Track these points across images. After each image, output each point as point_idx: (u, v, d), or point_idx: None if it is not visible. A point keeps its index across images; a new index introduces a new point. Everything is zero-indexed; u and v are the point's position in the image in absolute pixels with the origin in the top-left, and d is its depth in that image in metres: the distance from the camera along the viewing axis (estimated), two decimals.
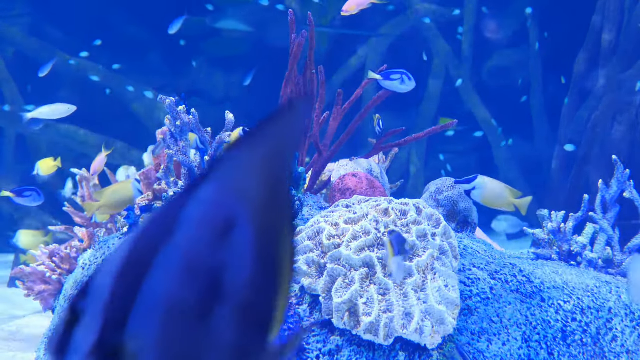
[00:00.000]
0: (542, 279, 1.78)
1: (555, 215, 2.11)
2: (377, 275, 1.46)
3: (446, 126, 2.22)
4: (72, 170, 2.76)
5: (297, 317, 1.49)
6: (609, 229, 2.04)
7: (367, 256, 1.47)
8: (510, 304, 1.65)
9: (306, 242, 1.57)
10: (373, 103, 2.25)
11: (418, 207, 1.65)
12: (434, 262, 1.51)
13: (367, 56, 6.44)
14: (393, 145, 2.30)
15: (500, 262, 1.80)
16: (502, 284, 1.71)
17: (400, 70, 2.26)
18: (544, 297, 1.72)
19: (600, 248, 2.04)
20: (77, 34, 6.49)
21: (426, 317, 1.42)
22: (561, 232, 2.07)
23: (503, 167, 6.57)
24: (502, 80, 6.75)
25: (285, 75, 2.24)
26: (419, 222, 1.59)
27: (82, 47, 6.30)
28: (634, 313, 1.79)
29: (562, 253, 2.07)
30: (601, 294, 1.79)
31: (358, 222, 1.58)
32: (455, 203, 2.24)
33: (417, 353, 1.44)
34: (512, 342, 1.56)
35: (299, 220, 1.87)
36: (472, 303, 1.61)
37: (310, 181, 2.33)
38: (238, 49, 6.78)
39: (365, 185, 2.19)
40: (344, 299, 1.42)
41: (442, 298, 1.45)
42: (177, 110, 2.03)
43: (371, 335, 1.40)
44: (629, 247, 2.02)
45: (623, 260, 2.00)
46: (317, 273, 1.52)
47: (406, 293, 1.44)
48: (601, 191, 2.07)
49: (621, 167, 2.07)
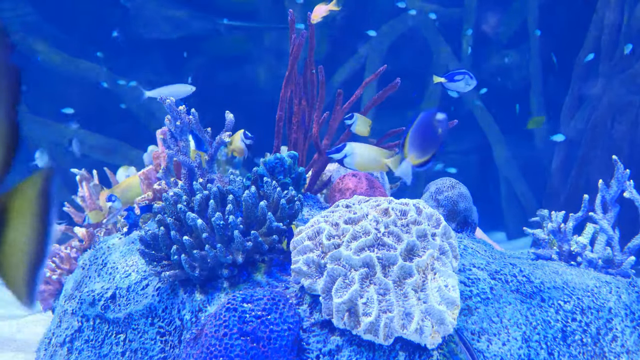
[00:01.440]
0: (542, 279, 1.78)
1: (555, 215, 2.11)
2: (377, 275, 1.46)
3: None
4: (72, 170, 2.76)
5: (297, 317, 1.49)
6: (609, 229, 2.04)
7: (367, 256, 1.47)
8: (510, 304, 1.65)
9: (306, 242, 1.57)
10: (373, 103, 2.25)
11: (418, 207, 1.65)
12: (434, 262, 1.51)
13: (367, 56, 6.44)
14: (393, 145, 2.30)
15: (500, 262, 1.80)
16: (502, 284, 1.71)
17: (462, 70, 2.29)
18: (544, 297, 1.72)
19: (600, 248, 2.04)
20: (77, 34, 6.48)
21: (426, 317, 1.42)
22: (561, 232, 2.07)
23: (503, 167, 6.57)
24: (502, 80, 6.74)
25: (285, 75, 2.24)
26: (419, 222, 1.59)
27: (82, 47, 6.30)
28: (634, 313, 1.79)
29: (562, 253, 2.07)
30: (601, 294, 1.79)
31: (358, 222, 1.58)
32: (455, 203, 2.24)
33: (417, 353, 1.44)
34: (512, 342, 1.56)
35: (299, 221, 1.87)
36: (472, 303, 1.61)
37: (310, 181, 2.33)
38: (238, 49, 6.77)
39: (365, 185, 2.19)
40: (344, 299, 1.42)
41: (442, 298, 1.45)
42: (177, 110, 2.03)
43: (371, 335, 1.40)
44: (629, 247, 2.02)
45: (623, 260, 2.00)
46: (317, 273, 1.52)
47: (406, 293, 1.44)
48: (601, 191, 2.07)
49: (621, 167, 2.07)
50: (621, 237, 2.04)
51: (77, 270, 2.17)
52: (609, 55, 4.66)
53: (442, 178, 2.34)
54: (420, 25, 6.44)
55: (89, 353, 1.91)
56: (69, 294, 2.11)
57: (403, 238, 1.53)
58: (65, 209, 2.79)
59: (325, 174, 2.41)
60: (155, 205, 1.98)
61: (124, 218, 2.18)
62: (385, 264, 1.48)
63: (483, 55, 6.70)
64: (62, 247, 2.64)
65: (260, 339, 1.41)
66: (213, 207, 1.68)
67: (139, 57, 6.50)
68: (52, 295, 2.64)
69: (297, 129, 2.27)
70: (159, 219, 1.74)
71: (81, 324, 1.99)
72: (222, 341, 1.40)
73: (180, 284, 1.74)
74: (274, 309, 1.47)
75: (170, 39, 6.53)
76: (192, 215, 1.66)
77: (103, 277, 1.98)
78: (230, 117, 2.09)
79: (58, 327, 2.11)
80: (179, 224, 1.73)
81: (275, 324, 1.44)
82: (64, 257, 2.56)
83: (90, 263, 2.09)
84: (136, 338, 1.78)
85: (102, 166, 2.90)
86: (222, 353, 1.39)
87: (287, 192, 1.78)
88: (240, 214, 1.72)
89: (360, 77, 6.26)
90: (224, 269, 1.65)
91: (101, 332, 1.91)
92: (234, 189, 1.77)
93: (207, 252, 1.62)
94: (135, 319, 1.80)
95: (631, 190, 2.05)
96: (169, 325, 1.72)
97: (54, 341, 2.09)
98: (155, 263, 1.73)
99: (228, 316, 1.44)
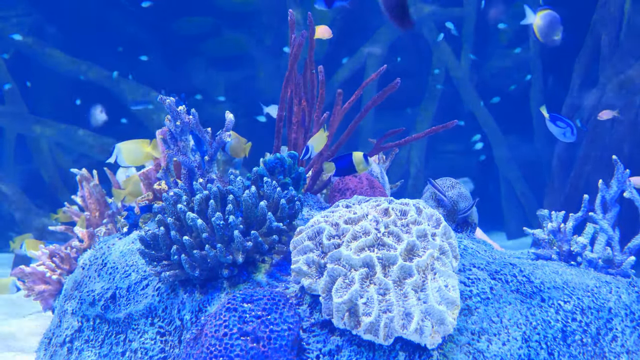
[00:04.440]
0: (542, 279, 1.78)
1: (555, 215, 2.11)
2: (377, 275, 1.46)
3: (445, 126, 2.22)
4: (72, 170, 2.76)
5: (297, 317, 1.49)
6: (609, 229, 2.04)
7: (367, 256, 1.47)
8: (510, 304, 1.65)
9: (306, 242, 1.57)
10: (373, 103, 2.25)
11: (418, 207, 1.65)
12: (434, 262, 1.51)
13: (367, 56, 6.44)
14: (393, 145, 2.30)
15: (500, 262, 1.80)
16: (502, 284, 1.71)
17: (569, 122, 2.33)
18: (544, 297, 1.72)
19: (600, 248, 2.04)
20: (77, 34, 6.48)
21: (426, 317, 1.42)
22: (561, 232, 2.07)
23: (503, 167, 6.57)
24: (502, 80, 6.74)
25: (285, 75, 2.24)
26: (419, 222, 1.59)
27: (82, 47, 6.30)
28: (634, 313, 1.79)
29: (562, 253, 2.07)
30: (601, 294, 1.79)
31: (358, 222, 1.58)
32: (455, 203, 2.24)
33: (417, 353, 1.44)
34: (512, 342, 1.56)
35: (299, 220, 1.87)
36: (472, 303, 1.61)
37: (310, 181, 2.33)
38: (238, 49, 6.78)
39: (365, 185, 2.19)
40: (344, 299, 1.42)
41: (442, 298, 1.45)
42: (177, 110, 2.03)
43: (371, 335, 1.40)
44: (629, 247, 2.02)
45: (623, 260, 2.00)
46: (317, 273, 1.52)
47: (406, 293, 1.44)
48: (601, 191, 2.07)
49: (621, 167, 2.07)
50: (621, 237, 2.04)
51: (77, 270, 2.17)
52: (609, 56, 4.66)
53: (442, 178, 2.34)
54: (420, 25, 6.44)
55: (89, 353, 1.91)
56: (69, 294, 2.11)
57: (403, 238, 1.53)
58: (65, 209, 2.79)
59: (325, 174, 2.41)
60: (155, 205, 1.98)
61: (124, 218, 2.18)
62: (385, 264, 1.48)
63: (483, 55, 6.70)
64: (62, 247, 2.64)
65: (260, 339, 1.41)
66: (213, 207, 1.68)
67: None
68: (52, 295, 2.64)
69: (297, 129, 2.27)
70: (159, 219, 1.74)
71: (81, 324, 1.99)
72: (222, 341, 1.40)
73: (180, 284, 1.74)
74: (274, 309, 1.47)
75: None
76: (192, 215, 1.66)
77: (103, 277, 1.98)
78: (230, 117, 2.09)
79: (58, 327, 2.11)
80: (179, 224, 1.73)
81: (275, 324, 1.44)
82: (64, 257, 2.56)
83: (90, 263, 2.09)
84: (136, 338, 1.78)
85: (102, 166, 2.90)
86: (222, 353, 1.39)
87: (287, 192, 1.78)
88: (240, 214, 1.72)
89: (360, 77, 6.27)
90: (224, 269, 1.65)
91: (101, 332, 1.91)
92: (234, 189, 1.77)
93: (207, 252, 1.62)
94: (135, 319, 1.80)
95: (631, 190, 2.05)
96: (169, 325, 1.72)
97: (54, 341, 2.09)
98: (155, 263, 1.73)
99: (228, 316, 1.44)
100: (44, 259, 2.61)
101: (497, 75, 6.72)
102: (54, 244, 2.66)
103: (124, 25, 6.54)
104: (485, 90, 6.54)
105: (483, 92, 6.52)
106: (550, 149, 5.52)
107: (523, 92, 6.46)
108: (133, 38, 6.58)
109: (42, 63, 6.13)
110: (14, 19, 6.24)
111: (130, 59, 6.36)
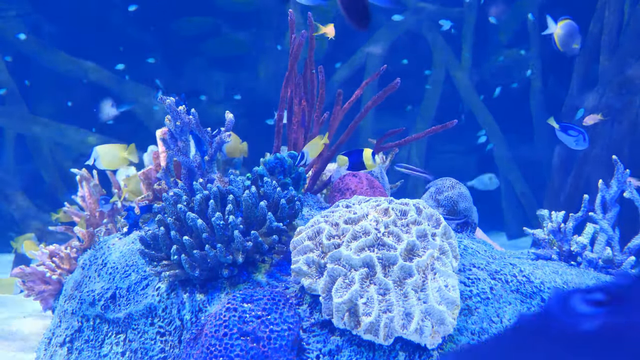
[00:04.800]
0: (542, 279, 1.78)
1: (555, 215, 2.11)
2: (377, 275, 1.46)
3: (445, 126, 2.22)
4: (71, 170, 2.76)
5: (297, 317, 1.49)
6: (609, 229, 2.04)
7: (367, 256, 1.47)
8: (510, 304, 1.65)
9: (306, 242, 1.57)
10: (373, 103, 2.25)
11: (418, 207, 1.65)
12: (434, 262, 1.51)
13: (367, 56, 6.44)
14: (393, 145, 2.30)
15: (500, 262, 1.80)
16: (502, 284, 1.71)
17: (580, 129, 2.33)
18: (544, 297, 1.72)
19: (600, 248, 2.04)
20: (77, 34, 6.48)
21: (426, 317, 1.42)
22: (561, 232, 2.07)
23: (503, 167, 6.57)
24: (502, 79, 6.74)
25: (285, 75, 2.24)
26: (419, 222, 1.59)
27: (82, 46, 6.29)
28: None
29: (562, 253, 2.07)
30: None
31: (358, 222, 1.58)
32: (455, 203, 2.24)
33: (417, 353, 1.44)
34: None
35: (299, 220, 1.87)
36: (472, 303, 1.61)
37: (310, 181, 2.33)
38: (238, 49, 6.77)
39: (365, 185, 2.19)
40: (344, 299, 1.42)
41: (442, 298, 1.45)
42: (177, 110, 2.03)
43: (371, 335, 1.40)
44: (629, 247, 2.02)
45: (623, 260, 2.00)
46: (317, 273, 1.52)
47: (406, 293, 1.44)
48: (601, 191, 2.07)
49: (621, 167, 2.07)
50: (621, 237, 2.04)
51: (77, 270, 2.17)
52: (609, 55, 4.66)
53: (442, 178, 2.34)
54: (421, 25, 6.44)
55: (89, 353, 1.91)
56: (69, 294, 2.11)
57: (403, 238, 1.53)
58: (65, 209, 2.79)
59: (325, 174, 2.41)
60: (155, 205, 1.98)
61: (124, 218, 2.18)
62: (385, 264, 1.48)
63: (483, 55, 6.70)
64: (62, 247, 2.64)
65: (260, 339, 1.41)
66: (213, 207, 1.68)
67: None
68: (52, 295, 2.64)
69: (297, 129, 2.27)
70: (159, 219, 1.74)
71: (81, 324, 1.99)
72: (222, 341, 1.40)
73: (180, 284, 1.74)
74: (274, 309, 1.47)
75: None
76: (192, 215, 1.66)
77: (103, 277, 1.98)
78: (230, 117, 2.09)
79: (58, 327, 2.11)
80: (179, 224, 1.73)
81: (275, 324, 1.44)
82: (64, 257, 2.56)
83: (90, 263, 2.09)
84: (136, 338, 1.78)
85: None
86: (222, 353, 1.39)
87: (287, 192, 1.78)
88: (240, 214, 1.71)
89: (360, 77, 6.27)
90: (224, 269, 1.65)
91: (101, 332, 1.91)
92: (234, 189, 1.77)
93: (207, 252, 1.62)
94: (135, 319, 1.80)
95: (631, 190, 2.05)
96: (169, 325, 1.72)
97: (54, 341, 2.09)
98: (155, 263, 1.73)
99: (228, 316, 1.44)
100: (44, 259, 2.61)
101: (497, 75, 6.71)
102: (54, 245, 2.66)
103: (123, 25, 6.54)
104: (485, 90, 6.54)
105: (483, 91, 6.52)
106: (550, 149, 5.51)
107: (523, 92, 6.46)
108: (133, 38, 6.58)
109: (42, 63, 6.13)
110: (13, 19, 6.24)
111: (130, 59, 6.36)
